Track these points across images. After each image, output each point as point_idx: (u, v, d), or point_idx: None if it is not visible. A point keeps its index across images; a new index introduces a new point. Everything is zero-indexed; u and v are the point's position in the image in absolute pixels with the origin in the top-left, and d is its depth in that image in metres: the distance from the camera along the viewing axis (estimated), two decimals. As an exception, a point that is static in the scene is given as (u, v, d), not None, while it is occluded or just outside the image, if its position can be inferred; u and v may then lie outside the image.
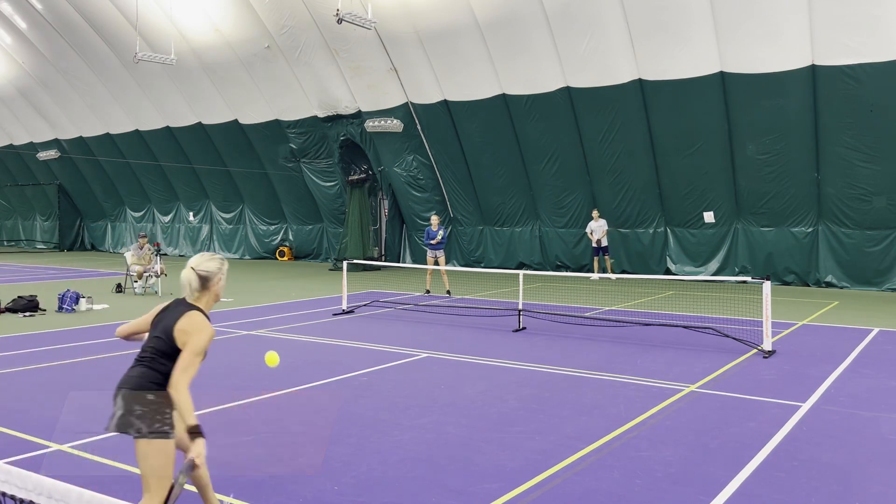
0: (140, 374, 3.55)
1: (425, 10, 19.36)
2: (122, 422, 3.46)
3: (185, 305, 3.68)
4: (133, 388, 3.50)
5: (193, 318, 3.60)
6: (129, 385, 3.52)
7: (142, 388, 3.50)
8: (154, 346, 3.60)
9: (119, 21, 24.66)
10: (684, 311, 13.29)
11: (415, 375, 8.21)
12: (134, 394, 3.48)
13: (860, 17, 15.14)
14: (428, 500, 4.57)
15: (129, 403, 3.47)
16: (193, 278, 3.69)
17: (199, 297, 3.72)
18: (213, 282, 3.72)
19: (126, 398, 3.48)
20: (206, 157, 28.21)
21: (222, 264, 3.81)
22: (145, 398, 3.48)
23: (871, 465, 5.27)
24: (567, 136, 20.01)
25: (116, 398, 3.53)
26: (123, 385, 3.55)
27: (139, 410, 3.45)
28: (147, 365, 3.57)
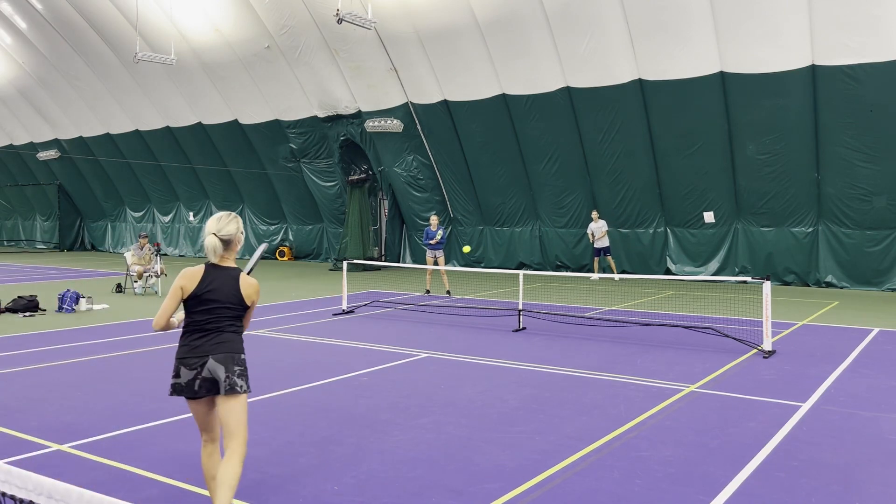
0: (230, 339, 4.05)
1: (425, 10, 19.36)
2: (229, 383, 3.96)
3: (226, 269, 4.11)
4: (229, 352, 4.01)
5: (247, 280, 4.13)
6: (224, 350, 4.00)
7: (236, 350, 4.05)
8: (228, 314, 4.06)
9: (119, 21, 24.67)
10: (684, 311, 13.29)
11: (415, 375, 8.21)
12: (233, 356, 4.01)
13: (860, 17, 15.14)
14: (428, 500, 4.57)
15: (229, 365, 3.98)
16: (218, 244, 4.09)
17: (226, 256, 4.15)
18: (235, 241, 4.17)
19: (226, 361, 3.98)
20: (206, 157, 28.21)
21: (239, 223, 4.23)
22: (241, 359, 4.07)
23: (871, 465, 5.27)
24: (567, 136, 20.01)
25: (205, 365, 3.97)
26: (214, 351, 3.99)
27: (238, 370, 4.02)
28: (231, 331, 4.07)
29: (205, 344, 4.00)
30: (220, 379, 3.96)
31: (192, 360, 3.99)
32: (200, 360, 3.98)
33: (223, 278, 4.07)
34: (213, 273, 4.08)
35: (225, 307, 4.05)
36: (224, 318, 4.06)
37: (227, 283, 4.07)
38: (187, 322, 4.09)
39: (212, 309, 4.04)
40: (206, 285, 4.04)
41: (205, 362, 3.97)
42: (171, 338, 10.46)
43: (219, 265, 4.11)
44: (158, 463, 5.22)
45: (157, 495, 4.64)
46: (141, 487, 4.77)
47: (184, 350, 4.03)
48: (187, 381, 3.99)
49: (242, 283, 4.10)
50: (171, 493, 4.67)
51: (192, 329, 4.05)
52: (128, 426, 6.15)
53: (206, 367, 3.97)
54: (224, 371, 3.97)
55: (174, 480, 4.88)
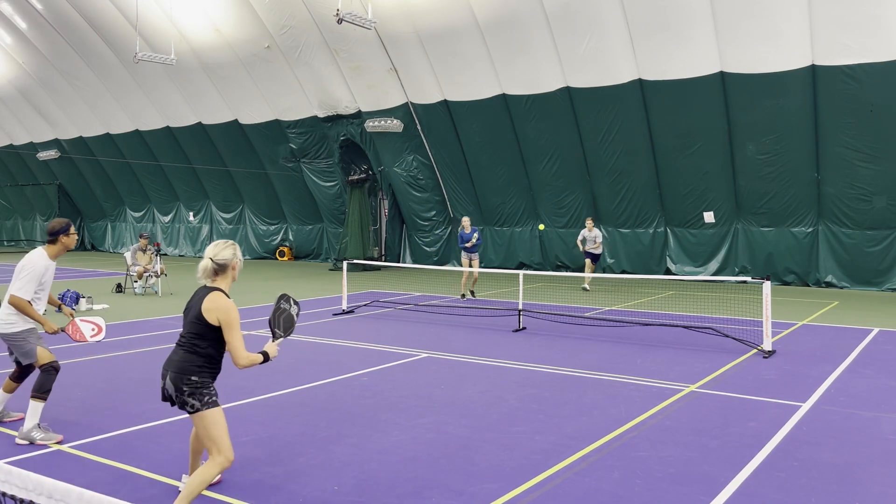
0: (182, 358, 4.11)
1: (425, 10, 19.37)
2: (179, 400, 4.07)
3: (205, 289, 4.20)
4: (178, 372, 4.07)
5: (216, 297, 4.11)
6: (174, 368, 4.08)
7: (185, 371, 4.07)
8: (189, 330, 4.13)
9: (119, 21, 24.67)
10: (684, 311, 13.29)
11: (415, 375, 8.21)
12: (179, 377, 4.06)
13: (860, 17, 15.14)
14: (428, 500, 4.57)
15: (177, 385, 4.04)
16: (209, 267, 4.20)
17: (217, 280, 4.25)
18: (229, 268, 4.26)
19: (174, 380, 4.06)
20: (206, 157, 28.22)
21: (236, 250, 4.31)
22: (190, 380, 4.06)
23: (871, 465, 5.27)
24: (567, 136, 20.01)
25: (165, 379, 4.12)
26: (169, 367, 4.11)
27: (188, 390, 4.05)
28: (186, 349, 4.13)
29: (169, 358, 4.19)
30: (172, 395, 4.11)
31: (163, 370, 4.19)
32: (163, 373, 4.17)
33: (199, 296, 4.19)
34: (196, 292, 4.28)
35: (189, 322, 4.17)
36: (186, 333, 4.18)
37: (198, 299, 4.18)
38: None
39: (183, 325, 4.24)
40: (188, 305, 4.25)
41: (165, 376, 4.15)
42: (171, 338, 10.46)
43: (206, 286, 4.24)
44: (158, 463, 5.22)
45: (157, 495, 4.64)
46: (141, 487, 4.77)
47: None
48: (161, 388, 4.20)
49: (206, 299, 4.12)
50: (172, 493, 4.67)
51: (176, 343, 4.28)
52: (128, 426, 6.15)
53: (165, 383, 4.14)
54: (174, 390, 4.08)
55: (174, 480, 4.87)
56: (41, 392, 5.79)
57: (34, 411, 5.70)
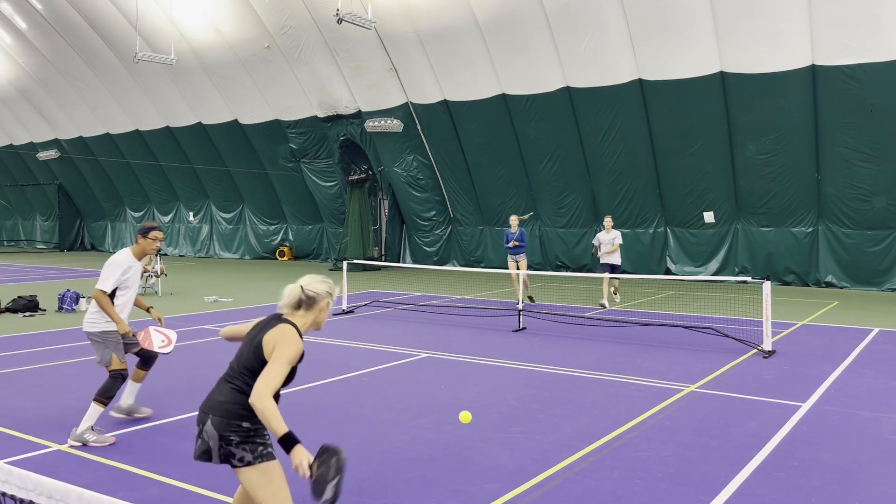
0: (229, 399, 3.26)
1: (425, 10, 19.36)
2: (222, 453, 3.21)
3: (278, 319, 3.41)
4: (224, 417, 3.23)
5: (284, 329, 3.31)
6: (220, 413, 3.23)
7: (233, 415, 3.24)
8: (242, 362, 3.33)
9: (119, 21, 24.67)
10: (684, 311, 13.29)
11: (415, 375, 8.21)
12: (227, 423, 3.22)
13: (860, 17, 15.14)
14: (428, 500, 4.57)
15: (223, 433, 3.20)
16: (296, 294, 3.45)
17: (297, 315, 3.45)
18: (317, 304, 3.47)
19: (218, 427, 3.21)
20: (206, 157, 28.22)
21: (332, 289, 3.52)
22: (241, 427, 3.23)
23: (871, 465, 5.27)
24: (567, 136, 20.01)
25: (205, 423, 3.24)
26: (212, 410, 3.25)
27: (236, 439, 3.21)
28: (235, 387, 3.30)
29: (210, 398, 3.33)
30: (214, 448, 3.23)
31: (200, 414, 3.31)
32: (204, 417, 3.28)
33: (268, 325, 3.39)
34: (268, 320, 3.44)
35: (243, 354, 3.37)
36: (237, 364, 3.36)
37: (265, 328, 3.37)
38: None
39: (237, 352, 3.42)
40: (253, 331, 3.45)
41: (206, 421, 3.26)
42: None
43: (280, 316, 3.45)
44: (158, 463, 5.22)
45: (157, 495, 4.64)
46: (141, 487, 4.76)
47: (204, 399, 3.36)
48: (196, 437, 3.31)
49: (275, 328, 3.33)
50: (171, 493, 4.67)
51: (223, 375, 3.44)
52: (128, 426, 6.15)
53: (205, 429, 3.26)
54: (217, 439, 3.21)
55: (174, 480, 4.87)
56: (104, 397, 5.77)
57: (92, 414, 5.67)
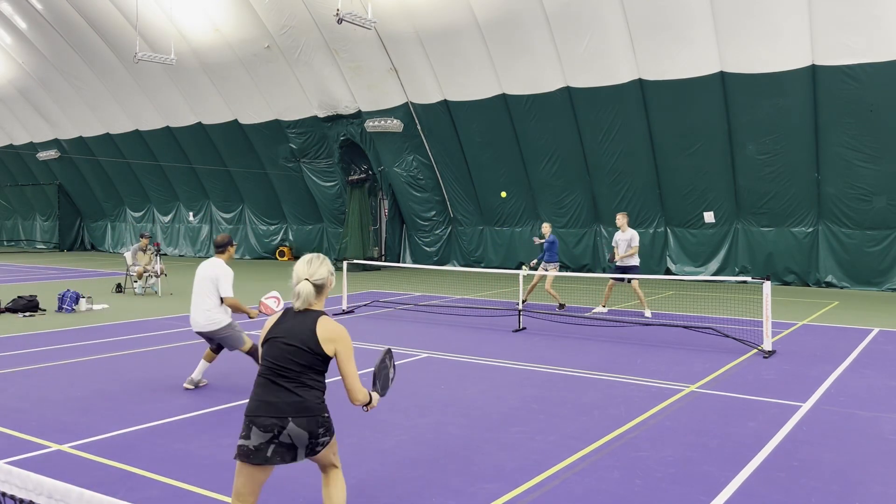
0: (305, 398, 3.47)
1: (425, 10, 19.37)
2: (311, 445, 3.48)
3: (305, 314, 3.58)
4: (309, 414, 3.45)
5: (330, 324, 3.56)
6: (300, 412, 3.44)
7: (316, 411, 3.48)
8: (301, 362, 3.48)
9: (119, 21, 24.67)
10: (684, 311, 13.29)
11: (415, 375, 8.21)
12: (314, 419, 3.47)
13: (860, 17, 15.14)
14: (428, 500, 4.57)
15: (312, 430, 3.46)
16: (311, 290, 3.62)
17: (317, 304, 3.67)
18: (326, 286, 3.72)
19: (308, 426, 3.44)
20: (206, 157, 28.22)
21: (330, 265, 3.79)
22: (324, 418, 3.51)
23: (871, 465, 5.26)
24: (567, 136, 20.01)
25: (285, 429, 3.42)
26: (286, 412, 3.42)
27: (323, 429, 3.50)
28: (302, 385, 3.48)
29: (281, 403, 3.45)
30: (303, 445, 3.47)
31: (266, 421, 3.42)
32: (279, 423, 3.43)
33: (305, 323, 3.55)
34: (291, 317, 3.61)
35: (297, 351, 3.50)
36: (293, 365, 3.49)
37: (304, 326, 3.54)
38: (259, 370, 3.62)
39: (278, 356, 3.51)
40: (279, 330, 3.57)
41: (284, 426, 3.42)
42: (172, 338, 10.46)
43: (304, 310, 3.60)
44: (158, 463, 5.22)
45: (157, 495, 4.64)
46: (141, 487, 4.76)
47: (256, 399, 3.51)
48: (256, 446, 3.42)
49: (320, 327, 3.52)
50: (171, 493, 4.67)
51: (266, 377, 3.53)
52: (128, 426, 6.15)
53: (285, 433, 3.42)
54: (308, 437, 3.46)
55: (174, 480, 4.87)
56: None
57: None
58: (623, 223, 13.43)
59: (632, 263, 13.18)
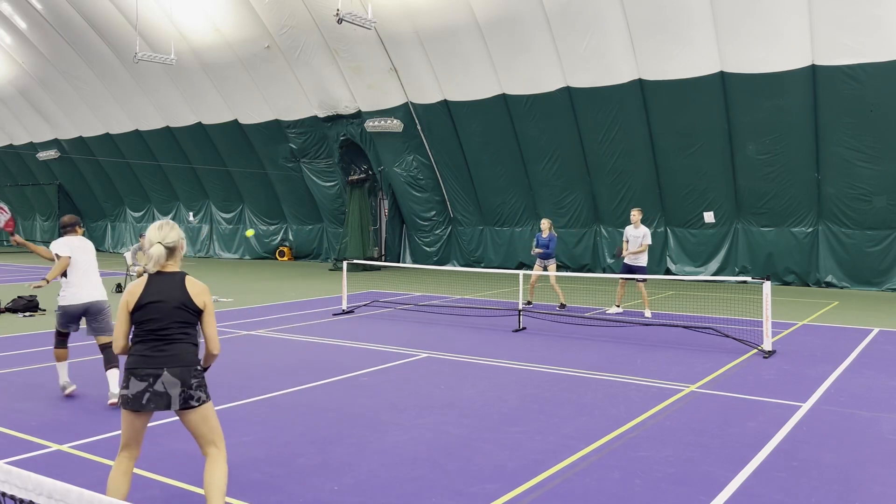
0: (182, 351, 3.88)
1: (425, 10, 19.37)
2: (184, 397, 3.84)
3: (171, 275, 3.98)
4: (184, 364, 3.86)
5: (195, 281, 4.01)
6: (177, 362, 3.84)
7: (191, 362, 3.89)
8: (176, 319, 3.89)
9: (119, 21, 24.67)
10: (684, 311, 13.29)
11: (415, 375, 8.21)
12: (188, 369, 3.86)
13: (860, 17, 15.14)
14: (428, 500, 4.57)
15: (185, 379, 3.84)
16: (162, 251, 3.95)
17: (171, 265, 4.02)
18: (178, 248, 4.05)
19: (180, 375, 3.83)
20: (206, 157, 28.22)
21: (179, 230, 4.10)
22: (198, 371, 3.93)
23: (871, 465, 5.27)
24: (567, 136, 20.01)
25: (160, 378, 3.80)
26: (164, 364, 3.82)
27: (196, 382, 3.88)
28: (179, 340, 3.89)
29: (158, 355, 3.83)
30: (175, 394, 3.80)
31: (142, 371, 3.81)
32: (153, 372, 3.80)
33: (169, 284, 3.93)
34: (158, 281, 3.94)
35: (176, 310, 3.89)
36: (174, 323, 3.88)
37: (174, 288, 3.92)
38: (137, 332, 3.92)
39: (161, 318, 3.87)
40: (152, 294, 3.89)
41: (158, 375, 3.80)
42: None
43: (162, 272, 3.97)
44: (158, 463, 5.22)
45: (157, 495, 4.64)
46: (141, 487, 4.76)
47: (134, 360, 3.85)
48: (135, 393, 3.80)
49: (189, 286, 3.96)
50: (171, 493, 4.67)
51: (142, 339, 3.88)
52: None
53: (160, 381, 3.80)
54: (180, 386, 3.81)
55: (174, 480, 4.88)
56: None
57: None
58: (637, 219, 13.18)
59: (640, 263, 12.97)
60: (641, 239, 12.94)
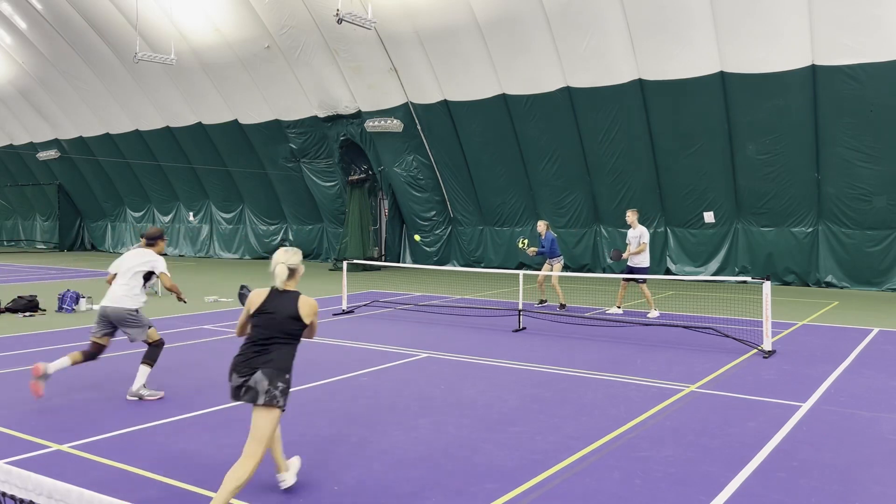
0: (281, 356, 4.40)
1: (425, 10, 19.37)
2: (268, 396, 4.28)
3: (288, 293, 4.53)
4: (278, 368, 4.36)
5: (307, 300, 4.54)
6: (273, 365, 4.35)
7: (285, 368, 4.40)
8: (283, 329, 4.43)
9: (119, 21, 24.67)
10: (684, 311, 13.29)
11: (415, 375, 8.21)
12: (278, 373, 4.34)
13: (860, 17, 15.14)
14: (428, 500, 4.57)
15: (273, 380, 4.31)
16: (285, 271, 4.53)
17: (290, 283, 4.57)
18: (298, 272, 4.63)
19: (270, 376, 4.31)
20: (206, 157, 28.22)
21: (300, 257, 4.72)
22: (285, 377, 4.38)
23: (871, 465, 5.27)
24: (567, 136, 20.01)
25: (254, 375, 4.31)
26: (264, 364, 4.34)
27: (282, 386, 4.34)
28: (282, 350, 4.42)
29: (257, 358, 4.38)
30: (261, 391, 4.27)
31: (242, 370, 4.37)
32: (250, 371, 4.34)
33: (284, 300, 4.49)
34: (276, 296, 4.52)
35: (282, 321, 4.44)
36: (278, 333, 4.44)
37: (287, 303, 4.48)
38: (248, 335, 4.51)
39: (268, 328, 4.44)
40: (268, 306, 4.47)
41: (253, 373, 4.32)
42: (171, 338, 10.46)
43: (282, 290, 4.53)
44: (158, 463, 5.22)
45: (157, 495, 4.64)
46: (141, 487, 4.77)
47: (238, 359, 4.41)
48: (235, 386, 4.37)
49: (300, 302, 4.50)
50: (171, 493, 4.68)
51: (250, 342, 4.46)
52: (128, 426, 6.15)
53: (254, 378, 4.31)
54: (267, 383, 4.29)
55: (174, 480, 4.88)
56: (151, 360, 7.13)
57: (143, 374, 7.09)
58: (633, 219, 13.19)
59: (640, 265, 12.94)
60: (640, 238, 12.98)
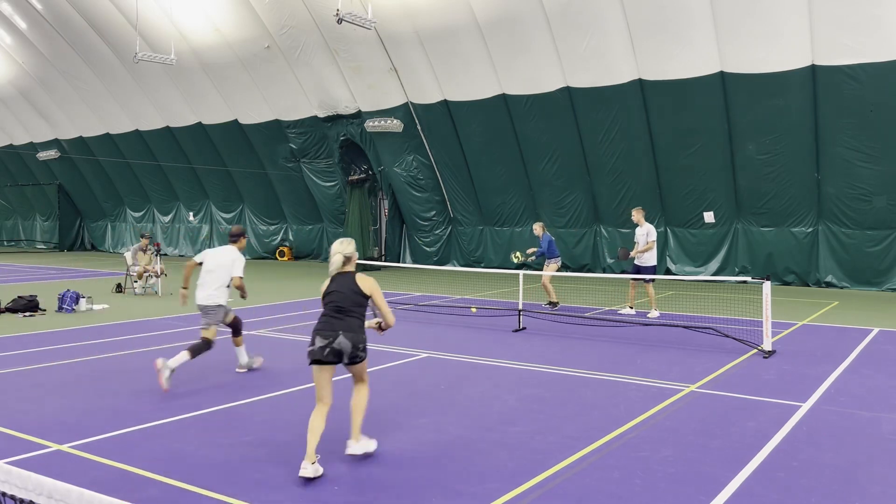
0: (355, 325, 5.32)
1: (425, 10, 19.36)
2: (352, 355, 5.25)
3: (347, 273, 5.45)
4: (357, 332, 5.29)
5: (364, 276, 5.44)
6: (353, 331, 5.27)
7: (357, 332, 5.31)
8: (353, 303, 5.35)
9: (119, 21, 24.67)
10: (684, 311, 13.29)
11: (415, 375, 8.21)
12: (359, 336, 5.30)
13: (860, 17, 15.14)
14: (428, 501, 4.57)
15: (355, 343, 5.25)
16: (341, 259, 5.46)
17: (348, 267, 5.48)
18: (353, 259, 5.53)
19: (352, 339, 5.24)
20: (206, 157, 28.22)
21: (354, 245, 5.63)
22: (362, 338, 5.34)
23: (871, 465, 5.27)
24: (567, 136, 20.01)
25: (335, 339, 5.20)
26: (342, 330, 5.24)
27: (362, 345, 5.32)
28: (355, 316, 5.34)
29: (338, 323, 5.27)
30: (347, 351, 5.21)
31: (326, 333, 5.24)
32: (334, 334, 5.22)
33: (345, 280, 5.42)
34: (338, 278, 5.46)
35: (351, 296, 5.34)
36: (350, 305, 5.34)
37: (349, 282, 5.40)
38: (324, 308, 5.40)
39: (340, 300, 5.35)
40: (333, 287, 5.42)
41: (337, 337, 5.21)
42: (172, 338, 10.48)
43: (341, 273, 5.45)
44: (158, 463, 5.22)
45: (157, 495, 4.64)
46: (141, 487, 4.77)
47: (321, 323, 5.31)
48: (319, 346, 5.19)
49: (358, 279, 5.42)
50: (172, 493, 4.67)
51: (327, 312, 5.36)
52: (128, 426, 6.15)
53: (337, 341, 5.19)
54: (351, 347, 5.22)
55: (174, 480, 4.88)
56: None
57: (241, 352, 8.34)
58: (639, 217, 13.13)
59: (646, 263, 12.82)
60: (647, 236, 12.89)
